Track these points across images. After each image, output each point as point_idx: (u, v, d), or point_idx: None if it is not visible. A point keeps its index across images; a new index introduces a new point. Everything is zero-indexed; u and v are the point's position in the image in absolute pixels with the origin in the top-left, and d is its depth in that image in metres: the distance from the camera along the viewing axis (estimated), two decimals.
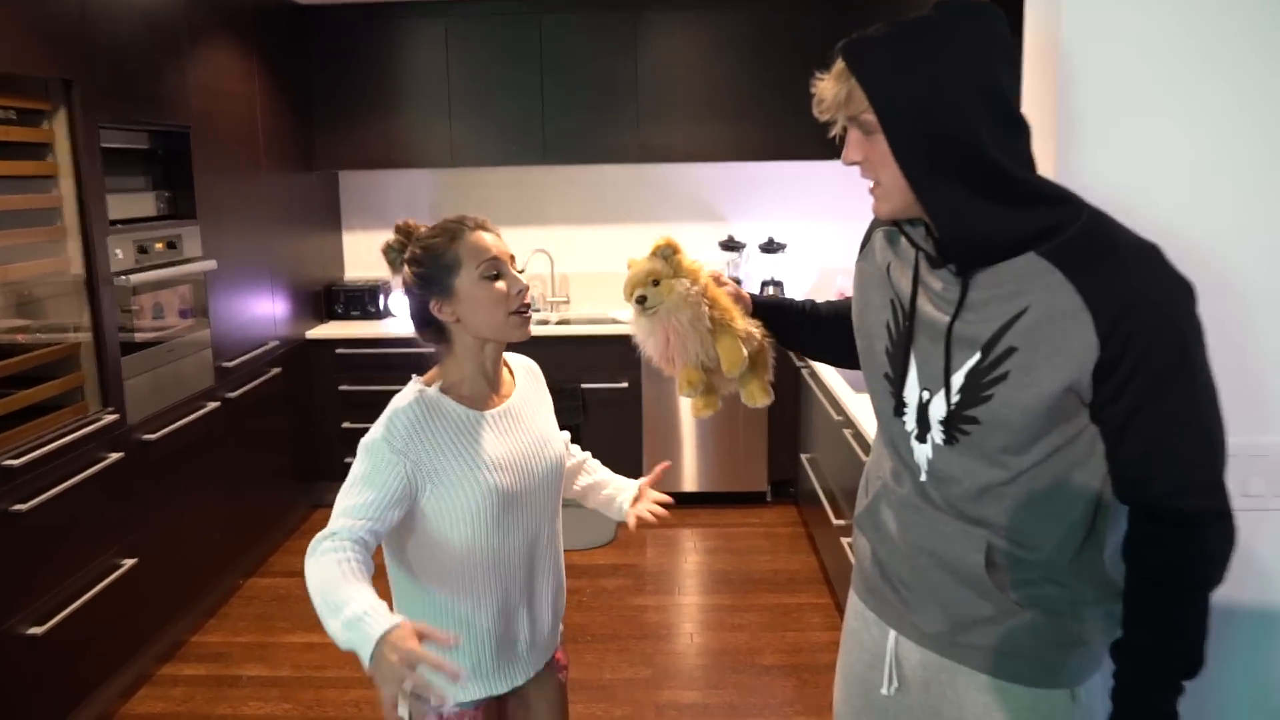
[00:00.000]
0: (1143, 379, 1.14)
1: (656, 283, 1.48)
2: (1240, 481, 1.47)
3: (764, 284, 4.84)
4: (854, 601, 1.54)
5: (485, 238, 1.61)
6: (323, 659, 3.34)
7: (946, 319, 1.26)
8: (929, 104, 1.15)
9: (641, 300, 1.48)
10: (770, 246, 4.85)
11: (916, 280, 1.32)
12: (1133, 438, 1.18)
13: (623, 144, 4.65)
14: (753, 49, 4.53)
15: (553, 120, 4.62)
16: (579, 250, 5.14)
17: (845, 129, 1.25)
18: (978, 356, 1.23)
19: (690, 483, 4.69)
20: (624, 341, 4.51)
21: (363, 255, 5.17)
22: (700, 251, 5.13)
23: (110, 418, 2.97)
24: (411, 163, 4.74)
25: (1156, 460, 1.18)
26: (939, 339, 1.27)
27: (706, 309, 1.49)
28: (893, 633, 1.43)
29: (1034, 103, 1.55)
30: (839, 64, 1.21)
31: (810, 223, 5.03)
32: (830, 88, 1.22)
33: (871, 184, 1.26)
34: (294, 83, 4.48)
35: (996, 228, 1.19)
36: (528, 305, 1.63)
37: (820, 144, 4.51)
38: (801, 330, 1.67)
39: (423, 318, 1.64)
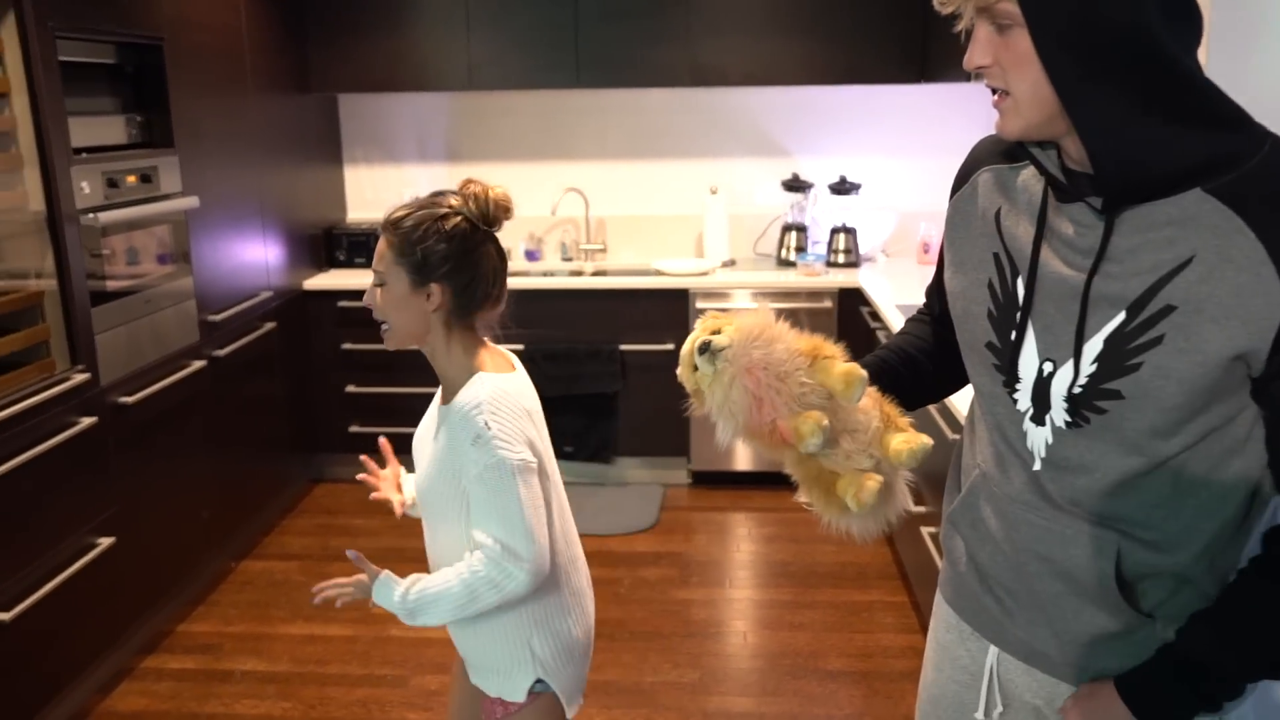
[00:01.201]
0: None
1: (718, 333, 1.33)
2: None
3: (834, 230, 4.74)
4: (944, 611, 1.49)
5: None
6: (325, 652, 3.35)
7: (1080, 275, 1.17)
8: None
9: (704, 348, 1.31)
10: (842, 187, 4.75)
11: (1043, 225, 1.23)
12: None
13: (670, 64, 4.55)
14: None
15: (588, 35, 4.53)
16: (617, 190, 5.08)
17: (970, 26, 1.16)
18: (1121, 317, 1.14)
19: (744, 461, 4.64)
20: (668, 296, 4.50)
21: (367, 193, 5.14)
22: (761, 191, 5.07)
23: (81, 377, 2.96)
24: (423, 85, 4.69)
25: None
26: (1071, 299, 1.18)
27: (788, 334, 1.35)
28: (993, 649, 1.38)
29: None
30: None
31: (888, 159, 4.92)
32: None
33: (998, 95, 1.16)
34: None
35: (1163, 152, 1.09)
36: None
37: (903, 64, 4.46)
38: (919, 386, 1.52)
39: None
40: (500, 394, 1.76)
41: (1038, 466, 1.26)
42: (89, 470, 3.03)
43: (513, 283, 1.93)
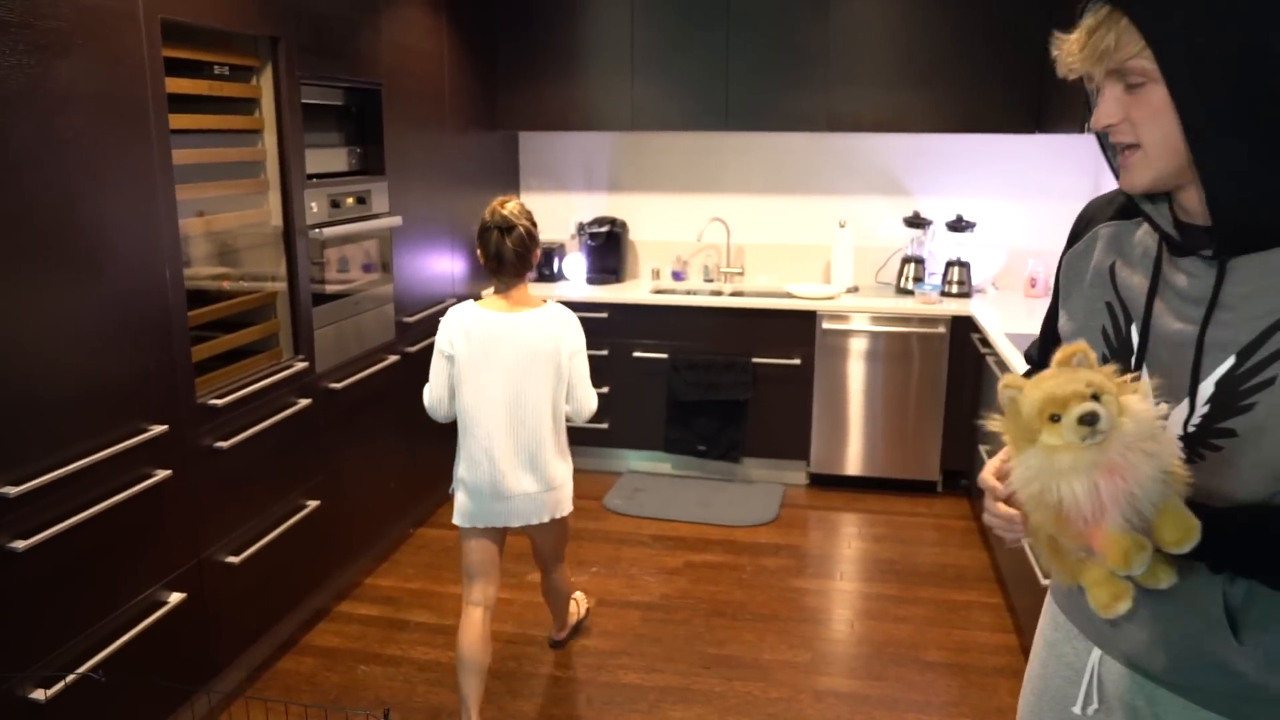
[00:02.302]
0: None
1: (1097, 397, 1.04)
2: None
3: (949, 263, 4.71)
4: (1052, 610, 1.44)
5: None
6: None
7: (1193, 326, 1.14)
8: (1231, 37, 1.03)
9: (1091, 420, 1.02)
10: (958, 225, 4.71)
11: (1157, 277, 1.20)
12: None
13: (809, 111, 4.60)
14: (951, 10, 4.38)
15: (737, 84, 4.62)
16: (756, 221, 5.14)
17: (1098, 87, 1.15)
18: (1232, 361, 1.10)
19: (857, 467, 4.64)
20: (797, 317, 4.55)
21: (539, 217, 5.23)
22: (885, 226, 5.06)
23: (301, 365, 3.19)
24: (591, 125, 4.83)
25: None
26: (1185, 347, 1.14)
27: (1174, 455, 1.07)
28: (1097, 650, 1.32)
29: None
30: (1101, 10, 1.11)
31: (1001, 201, 4.85)
32: (1084, 38, 1.12)
33: (1125, 151, 1.14)
34: (480, 41, 4.65)
35: None
36: None
37: (1019, 116, 4.42)
38: None
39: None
40: (450, 312, 2.78)
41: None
42: (303, 443, 3.25)
43: (659, 299, 2.11)
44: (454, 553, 3.99)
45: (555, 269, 5.06)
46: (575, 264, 5.07)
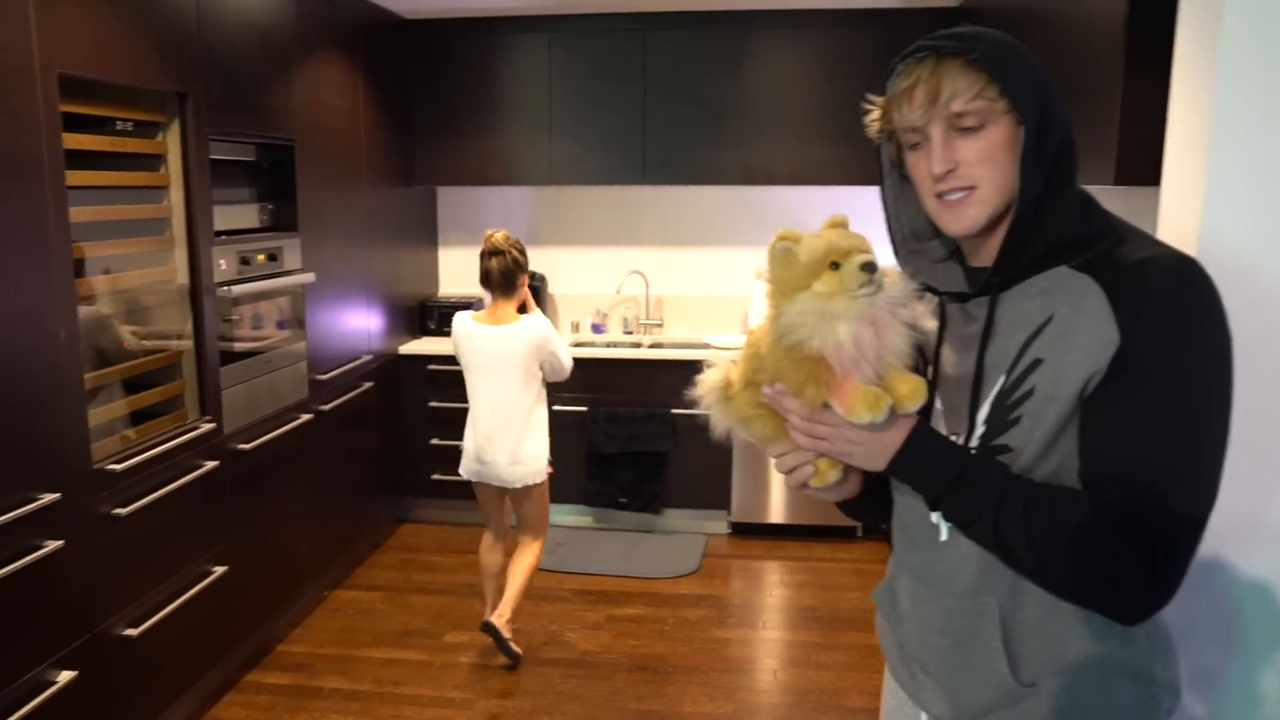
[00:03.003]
0: (1140, 368, 1.08)
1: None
2: None
3: None
4: (887, 678, 1.46)
5: None
6: (402, 674, 3.39)
7: (973, 356, 1.20)
8: (1046, 89, 1.14)
9: (871, 268, 1.11)
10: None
11: (944, 320, 1.27)
12: (1116, 420, 1.10)
13: (725, 165, 4.65)
14: (861, 68, 4.47)
15: (654, 139, 4.65)
16: (674, 273, 5.16)
17: (909, 146, 1.20)
18: (1002, 380, 1.17)
19: (778, 514, 4.64)
20: None
21: (458, 271, 5.27)
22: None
23: (207, 426, 3.08)
24: (510, 180, 4.82)
25: (1132, 445, 1.09)
26: (968, 376, 1.21)
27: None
28: (924, 715, 1.35)
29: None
30: (924, 63, 1.15)
31: None
32: (920, 90, 1.15)
33: (957, 194, 1.17)
34: (397, 97, 4.61)
35: (1068, 228, 1.15)
36: None
37: None
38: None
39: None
40: (454, 320, 3.44)
41: (944, 537, 1.24)
42: (209, 507, 3.13)
43: (578, 353, 2.10)
44: (369, 615, 3.87)
45: None
46: None
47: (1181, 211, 1.40)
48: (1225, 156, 1.34)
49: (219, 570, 3.13)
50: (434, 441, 4.75)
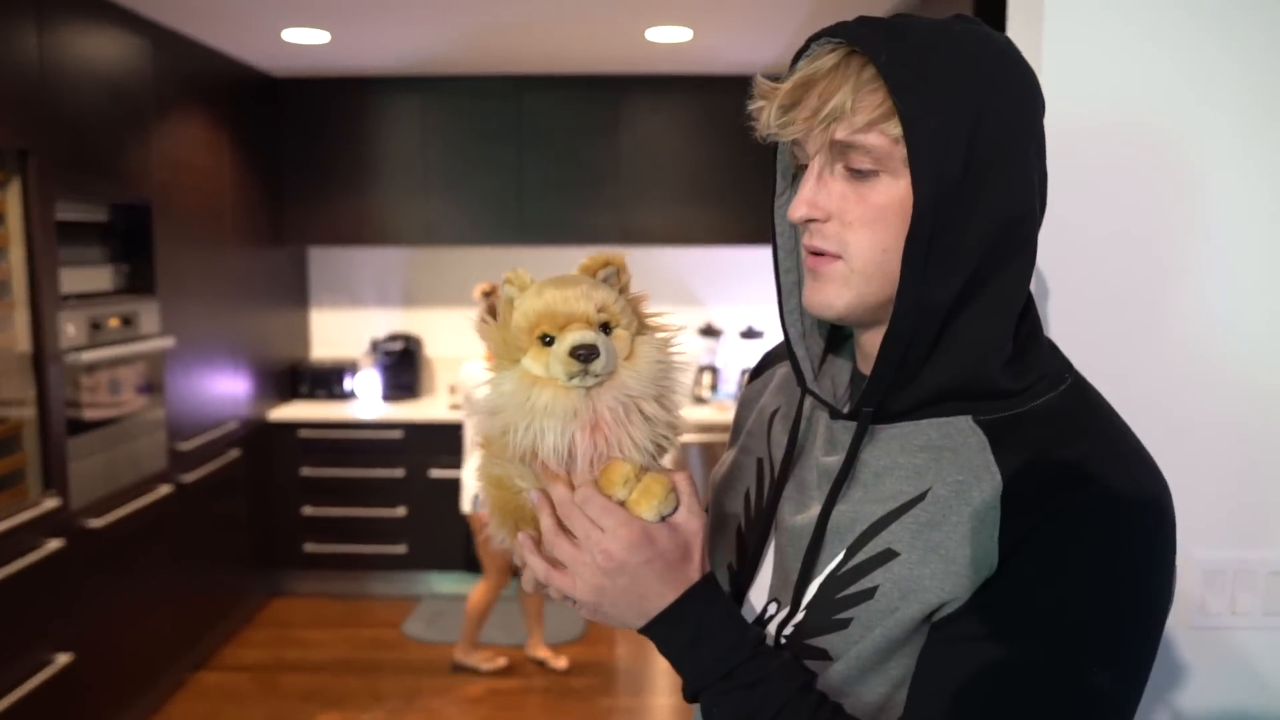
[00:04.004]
0: (1007, 611, 0.76)
1: (607, 327, 0.83)
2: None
3: (743, 371, 4.78)
4: None
5: None
6: None
7: (818, 505, 0.86)
8: (999, 145, 0.77)
9: (586, 356, 0.79)
10: (750, 333, 4.81)
11: (796, 436, 0.92)
12: (941, 659, 0.78)
13: (603, 225, 4.62)
14: (735, 132, 4.53)
15: (531, 200, 4.60)
16: None
17: (799, 168, 0.86)
18: (840, 556, 0.83)
19: None
20: None
21: (331, 334, 5.07)
22: (679, 337, 5.07)
23: (52, 503, 2.82)
24: (384, 239, 4.68)
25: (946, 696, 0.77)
26: (805, 534, 0.86)
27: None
28: None
29: None
30: (830, 52, 0.79)
31: None
32: (803, 89, 0.79)
33: (824, 255, 0.82)
34: (265, 156, 4.44)
35: (981, 369, 0.80)
36: None
37: None
38: None
39: None
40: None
41: None
42: (54, 589, 2.86)
43: (455, 416, 1.95)
44: (235, 698, 3.60)
45: (348, 388, 4.80)
46: (369, 381, 4.83)
47: None
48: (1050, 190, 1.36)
49: (64, 658, 2.85)
50: (307, 511, 4.51)
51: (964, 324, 0.79)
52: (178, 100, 3.63)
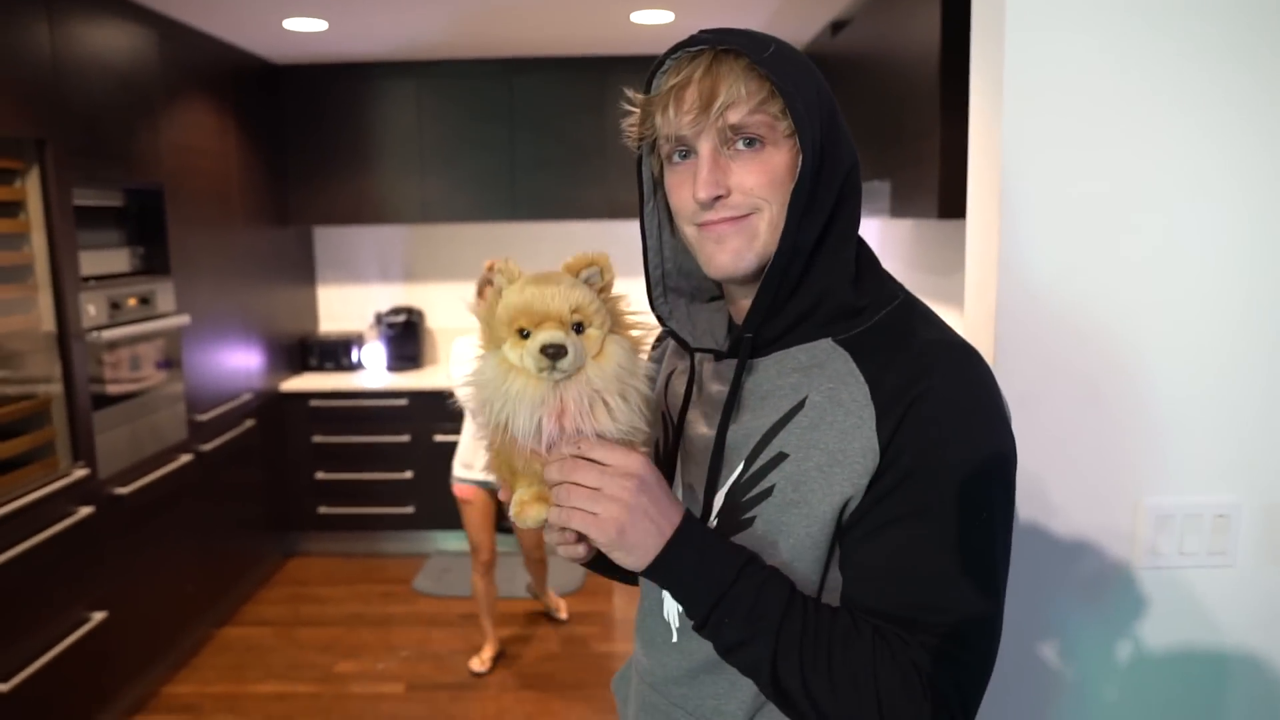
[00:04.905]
0: (907, 492, 0.87)
1: (580, 327, 0.88)
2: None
3: None
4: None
5: None
6: (292, 710, 3.28)
7: (714, 429, 0.97)
8: (834, 115, 0.92)
9: (554, 355, 0.85)
10: None
11: (692, 384, 1.03)
12: (884, 555, 0.88)
13: (591, 200, 4.69)
14: None
15: (523, 177, 4.67)
16: None
17: (666, 157, 0.97)
18: (740, 468, 0.94)
19: None
20: None
21: (337, 308, 5.16)
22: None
23: (81, 472, 2.93)
24: (384, 218, 4.76)
25: (905, 585, 0.88)
26: (707, 454, 0.97)
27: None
28: None
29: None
30: (700, 59, 0.91)
31: None
32: (693, 91, 0.90)
33: (737, 219, 0.93)
34: (268, 140, 4.51)
35: (838, 291, 0.94)
36: None
37: None
38: None
39: None
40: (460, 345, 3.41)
41: (675, 639, 1.02)
42: (86, 553, 2.97)
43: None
44: (258, 651, 3.73)
45: (355, 359, 4.90)
46: (375, 353, 4.93)
47: (983, 240, 1.49)
48: (1016, 190, 1.42)
49: (98, 616, 2.97)
50: (319, 475, 4.63)
51: (823, 255, 0.93)
52: (184, 88, 3.69)
